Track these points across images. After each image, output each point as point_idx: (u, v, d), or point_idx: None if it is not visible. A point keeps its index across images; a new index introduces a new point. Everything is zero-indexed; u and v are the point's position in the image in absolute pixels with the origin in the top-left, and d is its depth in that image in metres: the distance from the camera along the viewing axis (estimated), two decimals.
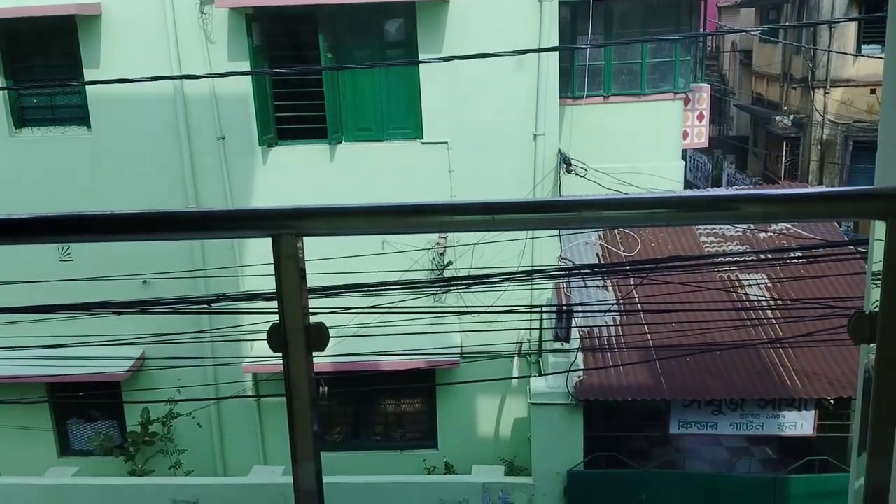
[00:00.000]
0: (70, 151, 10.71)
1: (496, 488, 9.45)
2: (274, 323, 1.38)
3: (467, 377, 10.74)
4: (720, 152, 27.39)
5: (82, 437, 11.85)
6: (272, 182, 10.67)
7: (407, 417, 11.89)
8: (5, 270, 10.02)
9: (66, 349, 9.12)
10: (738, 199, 1.31)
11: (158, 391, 10.79)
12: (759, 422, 9.26)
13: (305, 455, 1.54)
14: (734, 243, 11.44)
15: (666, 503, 9.22)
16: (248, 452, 11.51)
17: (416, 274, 10.21)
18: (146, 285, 10.56)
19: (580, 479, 9.26)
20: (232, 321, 10.21)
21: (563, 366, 9.23)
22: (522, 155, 10.61)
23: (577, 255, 11.15)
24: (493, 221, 1.24)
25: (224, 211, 1.51)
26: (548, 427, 9.25)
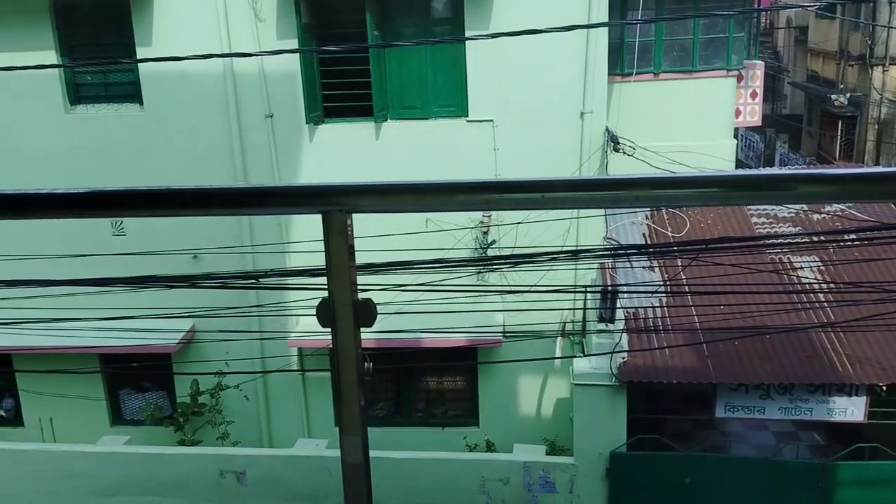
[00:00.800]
0: (123, 128, 10.92)
1: (537, 467, 9.47)
2: (323, 298, 1.40)
3: (510, 356, 10.75)
4: (773, 131, 26.78)
5: (134, 407, 12.17)
6: (318, 159, 10.75)
7: (449, 395, 11.96)
8: (61, 244, 10.30)
9: (119, 321, 9.34)
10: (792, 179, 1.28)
11: (207, 363, 11.02)
12: (808, 407, 9.10)
13: (353, 429, 1.56)
14: (786, 224, 11.20)
15: (710, 487, 9.13)
16: (293, 425, 11.71)
17: (459, 252, 10.22)
18: (196, 260, 10.76)
19: (623, 461, 9.22)
20: (279, 296, 10.35)
21: (606, 347, 9.17)
22: (569, 133, 10.51)
23: (624, 235, 11.04)
24: (542, 200, 1.23)
25: (276, 187, 1.53)
26: (590, 408, 9.21)
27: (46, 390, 11.63)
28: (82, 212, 1.57)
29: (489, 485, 9.54)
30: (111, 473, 10.07)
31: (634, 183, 1.22)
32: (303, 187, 1.36)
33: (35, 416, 12.10)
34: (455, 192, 1.27)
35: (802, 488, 8.99)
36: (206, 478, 9.88)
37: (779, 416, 9.33)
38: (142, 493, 10.02)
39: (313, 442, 10.54)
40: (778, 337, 9.08)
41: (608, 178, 1.24)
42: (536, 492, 9.49)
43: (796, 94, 28.75)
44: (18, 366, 11.93)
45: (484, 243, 10.78)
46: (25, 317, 9.05)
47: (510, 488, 9.51)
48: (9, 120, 10.90)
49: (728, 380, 8.95)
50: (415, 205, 1.37)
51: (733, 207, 11.26)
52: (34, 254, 10.13)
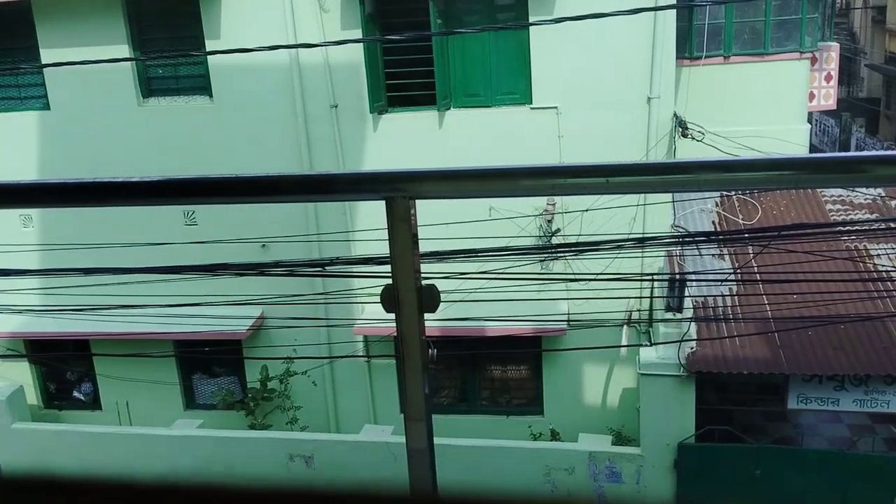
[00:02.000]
0: (193, 120, 11.19)
1: (603, 457, 9.39)
2: (387, 284, 1.42)
3: (574, 345, 10.67)
4: (849, 115, 25.82)
5: (206, 391, 12.53)
6: (382, 149, 10.83)
7: (513, 383, 11.94)
8: (136, 233, 10.64)
9: (192, 308, 9.61)
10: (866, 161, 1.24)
11: (276, 349, 11.25)
12: (885, 399, 8.79)
13: (417, 415, 1.57)
14: (862, 211, 10.81)
15: (781, 480, 8.92)
16: (359, 411, 11.87)
17: (523, 241, 10.17)
18: (265, 249, 10.98)
19: (691, 452, 9.08)
20: (345, 284, 10.49)
21: (674, 336, 9.02)
22: (635, 119, 10.33)
23: (692, 222, 10.81)
24: (607, 185, 1.21)
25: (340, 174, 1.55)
26: (657, 398, 9.08)
27: (122, 375, 12.05)
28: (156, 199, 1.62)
29: (554, 474, 9.51)
30: (185, 455, 10.39)
31: (702, 166, 1.19)
32: (367, 174, 1.38)
33: (112, 399, 12.56)
34: (519, 177, 1.27)
35: (878, 482, 8.71)
36: (276, 461, 10.11)
37: (854, 408, 9.04)
38: (215, 475, 10.32)
39: (379, 428, 10.67)
40: (853, 326, 8.79)
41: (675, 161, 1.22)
42: (602, 482, 9.42)
43: (873, 76, 27.65)
44: (96, 351, 12.39)
45: (548, 231, 10.70)
46: (102, 303, 9.39)
47: (575, 478, 9.46)
48: (84, 113, 11.29)
49: (801, 370, 8.70)
50: (478, 190, 1.37)
51: (807, 194, 10.92)
52: (111, 242, 10.49)
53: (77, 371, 13.07)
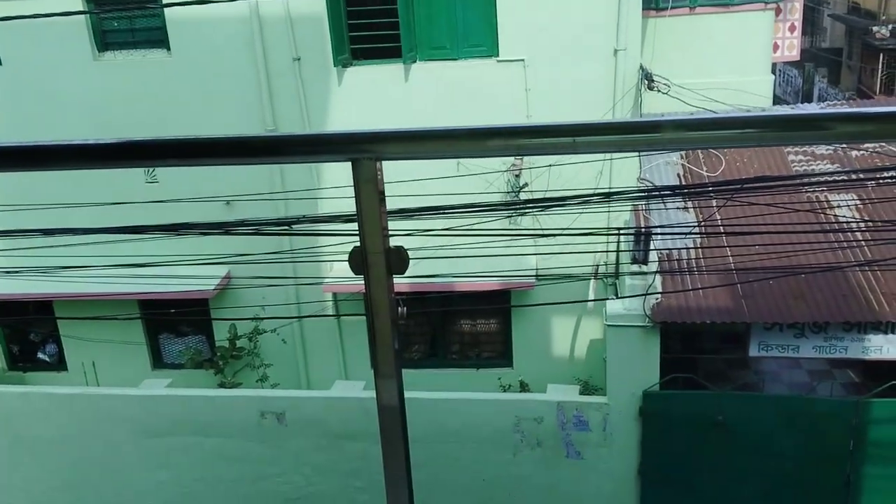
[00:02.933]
0: (151, 74, 10.93)
1: (570, 407, 9.57)
2: (355, 246, 1.40)
3: (543, 299, 10.77)
4: (812, 66, 26.01)
5: (174, 351, 12.48)
6: (348, 103, 10.69)
7: (483, 337, 12.06)
8: (96, 193, 10.44)
9: (157, 268, 9.52)
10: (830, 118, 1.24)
11: (244, 308, 11.21)
12: (843, 345, 9.04)
13: (387, 371, 1.58)
14: (824, 162, 10.96)
15: (743, 425, 9.17)
16: (330, 367, 11.93)
17: (491, 196, 10.18)
18: (229, 206, 10.86)
19: (655, 400, 9.28)
20: (312, 242, 10.45)
21: (640, 288, 9.14)
22: (602, 72, 10.31)
23: (658, 175, 10.89)
24: (574, 144, 1.21)
25: (305, 135, 1.53)
26: (623, 348, 9.24)
27: (88, 335, 11.94)
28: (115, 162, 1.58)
29: (523, 424, 9.67)
30: (154, 415, 10.37)
31: (668, 125, 1.19)
32: (332, 135, 1.36)
33: (78, 360, 12.46)
34: (486, 138, 1.26)
35: (836, 425, 9.00)
36: (248, 419, 10.14)
37: (813, 354, 9.28)
38: (185, 433, 10.33)
39: (350, 383, 10.73)
40: (813, 276, 8.98)
41: (641, 120, 1.22)
42: (570, 430, 9.60)
43: (836, 26, 27.82)
44: (59, 312, 12.24)
45: (516, 186, 10.72)
46: (64, 264, 9.25)
47: (544, 427, 9.64)
48: (38, 68, 10.96)
49: (762, 319, 8.90)
50: (445, 151, 1.36)
51: None
52: (71, 203, 10.30)
53: (41, 332, 12.91)
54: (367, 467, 9.93)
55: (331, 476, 10.22)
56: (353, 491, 10.23)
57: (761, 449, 9.19)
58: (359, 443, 9.85)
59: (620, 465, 9.65)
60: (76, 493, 10.84)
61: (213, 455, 10.36)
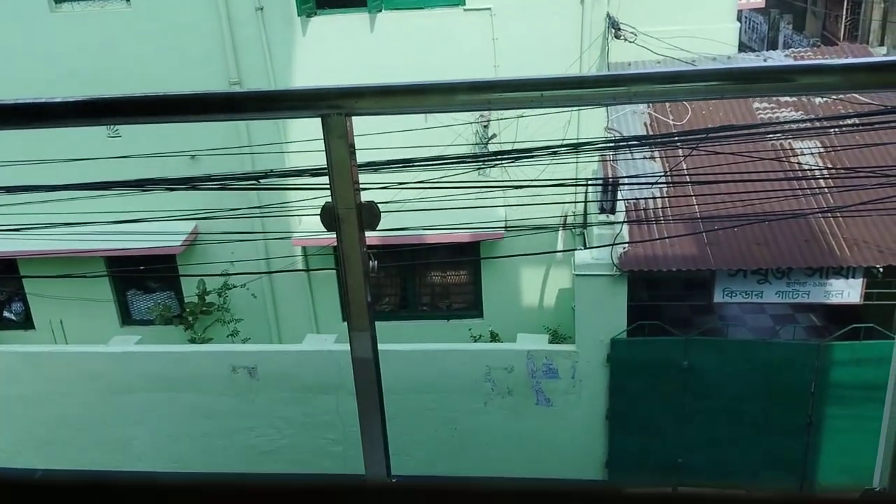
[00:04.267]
0: (110, 26, 10.64)
1: (540, 355, 9.72)
2: (327, 202, 1.42)
3: (512, 250, 10.85)
4: (777, 12, 26.04)
5: (142, 307, 12.39)
6: (313, 53, 10.52)
7: (453, 288, 12.14)
8: (58, 147, 10.22)
9: (122, 224, 9.40)
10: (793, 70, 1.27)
11: (213, 265, 11.15)
12: (806, 290, 9.26)
13: (361, 325, 1.61)
14: (788, 109, 11.07)
15: (708, 369, 9.40)
16: (301, 322, 11.95)
17: (460, 148, 10.15)
18: (195, 161, 10.71)
19: (622, 347, 9.46)
20: (280, 196, 10.37)
21: (607, 238, 9.25)
22: (569, 20, 10.24)
23: (625, 125, 10.93)
24: (542, 98, 1.23)
25: (273, 92, 1.53)
26: (591, 297, 9.37)
27: (54, 293, 11.81)
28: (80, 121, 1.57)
29: (494, 373, 9.82)
30: (125, 372, 10.35)
31: (633, 79, 1.21)
32: (301, 91, 1.36)
33: (45, 318, 12.34)
34: (454, 93, 1.27)
35: (798, 368, 9.26)
36: (219, 374, 10.16)
37: (776, 299, 9.50)
38: (157, 390, 10.34)
39: (321, 337, 10.78)
40: (777, 223, 9.14)
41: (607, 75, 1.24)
42: (540, 378, 9.77)
43: None
44: (24, 270, 12.07)
45: (484, 138, 10.69)
46: (28, 223, 9.10)
47: (514, 376, 9.79)
48: None
49: (726, 266, 9.06)
50: (414, 106, 1.37)
51: None
52: (31, 159, 10.08)
53: (6, 291, 12.74)
54: (340, 420, 10.05)
55: (304, 429, 10.32)
56: (326, 443, 10.36)
57: (726, 392, 9.45)
58: (331, 396, 9.94)
59: (589, 411, 9.87)
60: (48, 452, 10.83)
61: (185, 410, 10.40)
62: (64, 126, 1.47)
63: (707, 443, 9.71)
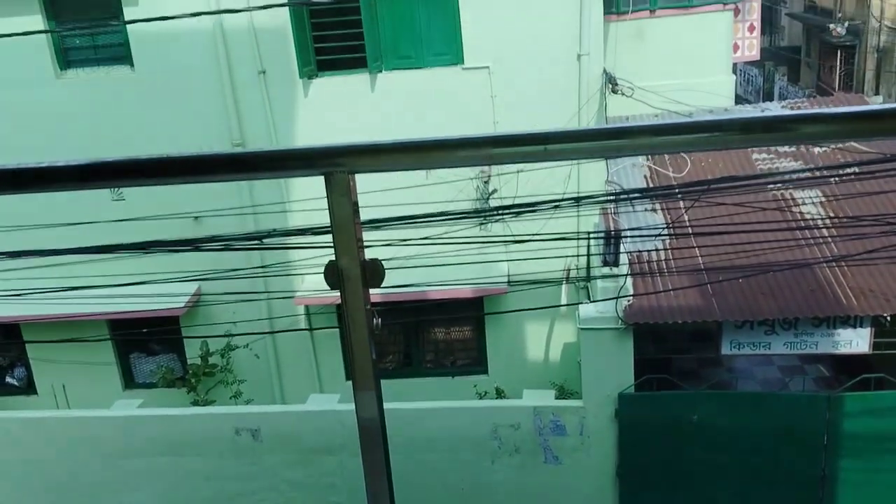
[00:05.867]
0: (115, 91, 10.81)
1: (547, 412, 9.59)
2: (330, 260, 1.40)
3: (516, 305, 10.80)
4: (772, 64, 26.46)
5: (145, 370, 12.31)
6: (314, 114, 10.66)
7: (457, 344, 12.06)
8: (61, 213, 10.29)
9: (126, 287, 9.39)
10: (794, 120, 1.27)
11: (215, 326, 11.10)
12: (814, 340, 9.17)
13: (366, 385, 1.58)
14: (788, 159, 11.14)
15: (718, 423, 9.26)
16: (305, 381, 11.85)
17: (461, 203, 10.20)
18: (198, 222, 10.76)
19: (631, 401, 9.34)
20: (282, 256, 10.38)
21: (611, 291, 9.21)
22: (566, 76, 10.39)
23: (625, 177, 10.99)
24: (545, 152, 1.22)
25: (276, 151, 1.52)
26: (597, 351, 9.29)
27: (57, 357, 11.75)
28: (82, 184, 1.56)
29: (501, 430, 9.68)
30: (127, 436, 10.22)
31: (636, 132, 1.21)
32: (304, 150, 1.35)
33: (47, 383, 12.25)
34: (456, 149, 1.26)
35: (809, 420, 9.12)
36: (222, 436, 10.03)
37: (784, 350, 9.41)
38: (159, 453, 10.19)
39: (325, 396, 10.66)
40: (782, 273, 9.11)
41: (610, 127, 1.23)
42: (547, 435, 9.63)
43: (794, 25, 28.35)
44: (27, 335, 12.03)
45: (485, 193, 10.75)
46: (31, 286, 9.09)
47: (521, 433, 9.65)
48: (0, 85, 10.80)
49: (733, 317, 9.00)
50: (417, 162, 1.36)
51: None
52: (35, 224, 10.13)
53: (9, 356, 12.67)
54: (344, 481, 9.87)
55: (308, 491, 10.14)
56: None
57: (736, 446, 9.29)
58: (335, 456, 9.79)
59: (598, 467, 9.69)
60: None
61: (188, 474, 10.24)
62: (66, 189, 1.47)
63: (719, 498, 9.51)
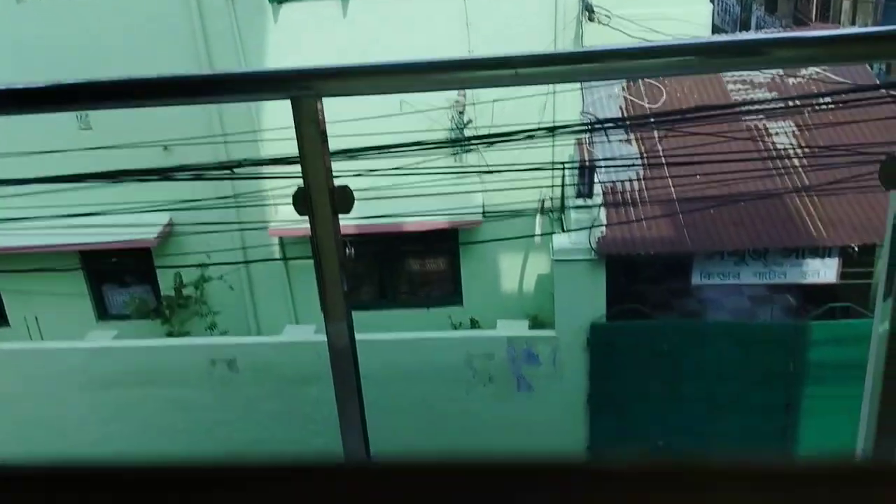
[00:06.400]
0: (78, 16, 10.45)
1: (520, 342, 9.72)
2: (299, 187, 1.38)
3: (490, 236, 10.83)
4: None
5: (118, 302, 12.25)
6: (285, 41, 10.41)
7: (432, 276, 12.12)
8: (29, 142, 10.05)
9: (96, 217, 9.28)
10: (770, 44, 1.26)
11: (188, 256, 11.03)
12: (782, 271, 9.33)
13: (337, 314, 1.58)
14: (762, 90, 11.12)
15: (687, 352, 9.46)
16: (280, 313, 11.87)
17: (435, 134, 10.10)
18: (167, 152, 10.58)
19: (602, 331, 9.48)
20: (255, 186, 10.27)
21: (585, 222, 9.26)
22: (542, 4, 10.20)
23: (600, 108, 10.93)
24: (516, 76, 1.20)
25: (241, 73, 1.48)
26: (570, 282, 9.38)
27: (29, 288, 11.64)
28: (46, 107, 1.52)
29: (475, 360, 9.81)
30: (103, 367, 10.23)
31: (609, 55, 1.19)
32: (270, 72, 1.32)
33: (19, 314, 12.16)
34: (427, 72, 1.24)
35: (776, 348, 9.33)
36: (198, 367, 10.08)
37: (754, 280, 9.57)
38: (135, 385, 10.23)
39: (301, 328, 10.72)
40: (753, 204, 9.20)
41: (582, 50, 1.21)
42: (520, 364, 9.79)
43: None
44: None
45: (460, 123, 10.65)
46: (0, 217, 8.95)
47: (495, 363, 9.80)
48: None
49: (704, 248, 9.11)
50: (386, 86, 1.33)
51: (709, 75, 11.13)
52: (2, 153, 9.91)
53: None
54: (322, 411, 10.00)
55: (285, 420, 10.27)
56: (308, 435, 10.31)
57: (705, 374, 9.51)
58: (312, 387, 9.89)
59: (570, 395, 9.90)
60: (26, 448, 10.70)
61: (164, 405, 10.31)
62: (31, 112, 1.42)
63: (687, 425, 9.78)
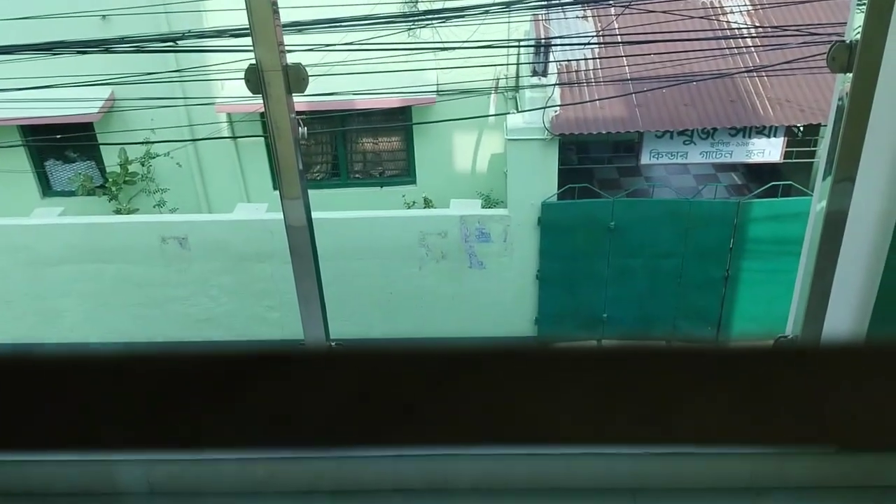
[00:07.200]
0: None
1: (473, 220, 9.83)
2: (251, 64, 1.36)
3: (444, 115, 10.72)
4: None
5: (62, 178, 11.95)
6: None
7: (385, 155, 12.03)
8: None
9: (35, 91, 8.91)
10: None
11: (133, 133, 10.73)
12: (729, 150, 9.49)
13: (293, 193, 1.59)
14: None
15: (634, 229, 9.69)
16: (230, 191, 11.74)
17: (389, 7, 9.78)
18: (106, 21, 10.08)
19: (553, 209, 9.63)
20: (200, 60, 9.92)
21: (539, 101, 9.20)
22: None
23: None
24: None
25: None
26: (523, 162, 9.42)
27: None
28: None
29: (428, 239, 9.92)
30: (50, 244, 10.08)
31: None
32: None
33: None
34: None
35: (719, 225, 9.61)
36: (148, 244, 9.99)
37: (700, 159, 9.73)
38: (84, 261, 10.13)
39: (253, 206, 10.63)
40: (704, 84, 9.23)
41: None
42: (473, 242, 9.94)
43: None
44: None
45: None
46: None
47: (448, 241, 9.92)
48: None
49: (654, 127, 9.18)
50: None
51: None
52: None
53: None
54: (276, 287, 10.09)
55: (239, 297, 10.35)
56: (263, 310, 10.44)
57: (649, 250, 9.80)
58: (265, 264, 9.94)
59: (520, 271, 10.14)
60: None
61: (115, 281, 10.27)
62: None
63: (630, 298, 10.15)
